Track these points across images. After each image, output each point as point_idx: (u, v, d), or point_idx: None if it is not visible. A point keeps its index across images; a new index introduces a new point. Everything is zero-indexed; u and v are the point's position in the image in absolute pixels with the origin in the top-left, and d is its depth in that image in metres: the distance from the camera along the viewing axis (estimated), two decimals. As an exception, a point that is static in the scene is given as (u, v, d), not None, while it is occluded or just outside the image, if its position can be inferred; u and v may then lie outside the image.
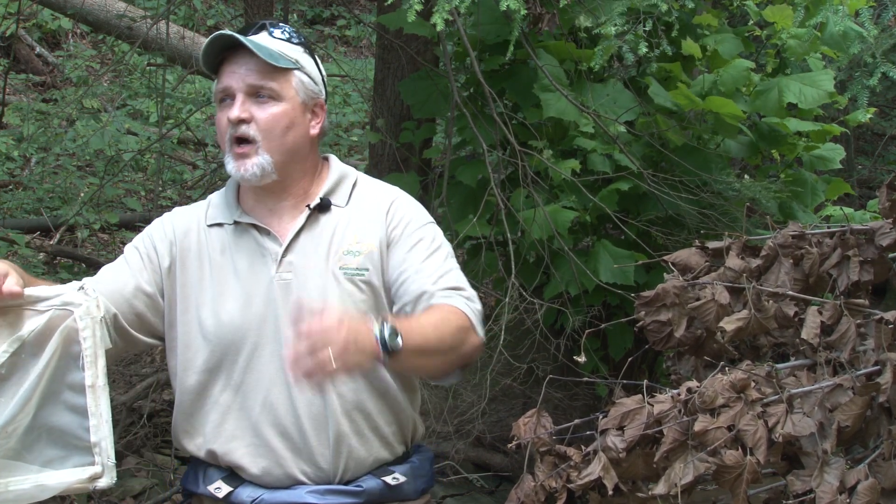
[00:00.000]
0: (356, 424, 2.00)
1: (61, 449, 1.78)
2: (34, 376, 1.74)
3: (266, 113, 1.96)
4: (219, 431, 1.99)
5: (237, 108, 1.95)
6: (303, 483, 1.98)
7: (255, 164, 1.95)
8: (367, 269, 2.00)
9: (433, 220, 2.14)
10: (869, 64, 3.17)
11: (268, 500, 1.97)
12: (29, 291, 1.77)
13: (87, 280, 1.97)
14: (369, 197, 2.10)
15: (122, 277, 1.99)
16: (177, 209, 2.12)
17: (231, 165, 1.97)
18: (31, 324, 1.76)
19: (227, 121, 1.96)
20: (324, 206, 2.04)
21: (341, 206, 2.06)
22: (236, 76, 1.97)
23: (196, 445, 2.03)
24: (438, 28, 2.97)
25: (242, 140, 1.96)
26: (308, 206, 2.03)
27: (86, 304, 1.79)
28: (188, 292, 2.00)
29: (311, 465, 1.98)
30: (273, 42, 1.99)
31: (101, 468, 1.79)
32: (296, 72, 2.01)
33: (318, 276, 1.99)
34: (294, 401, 1.97)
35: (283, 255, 2.00)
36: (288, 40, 2.02)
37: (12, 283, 1.73)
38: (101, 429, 1.78)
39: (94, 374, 1.78)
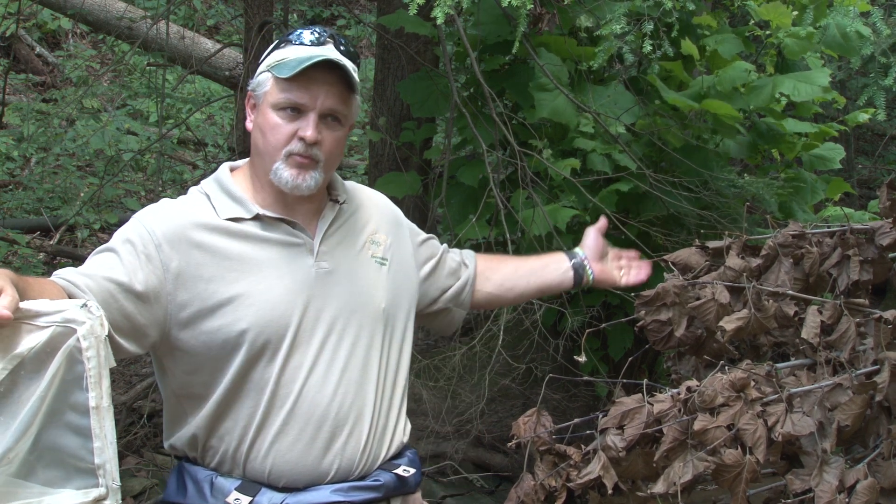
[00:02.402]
0: (385, 422, 2.05)
1: (62, 470, 1.71)
2: (36, 398, 1.67)
3: (332, 137, 1.99)
4: (251, 420, 1.95)
5: (313, 128, 1.95)
6: (326, 475, 1.96)
7: (313, 178, 1.98)
8: (387, 259, 2.13)
9: None
10: (883, 64, 3.17)
11: (292, 503, 1.94)
12: (27, 305, 1.67)
13: (74, 272, 1.88)
14: (357, 193, 2.21)
15: (115, 275, 1.89)
16: (168, 204, 2.02)
17: (287, 173, 1.96)
18: (31, 340, 1.67)
19: (295, 136, 1.96)
20: (339, 200, 2.11)
21: (347, 203, 2.14)
22: (314, 96, 1.96)
23: (232, 438, 1.96)
24: (439, 21, 2.96)
25: (307, 157, 1.97)
26: (336, 200, 2.09)
27: (90, 323, 1.70)
28: (213, 288, 1.93)
29: (339, 457, 1.97)
30: (345, 60, 1.98)
31: (105, 490, 1.72)
32: (356, 95, 2.03)
33: (355, 266, 2.06)
34: (332, 392, 1.97)
35: (319, 246, 2.02)
36: (352, 56, 2.02)
37: (3, 305, 1.61)
38: (105, 451, 1.72)
39: (99, 394, 1.71)
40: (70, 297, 1.82)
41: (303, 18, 10.33)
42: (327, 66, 1.96)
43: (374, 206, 2.20)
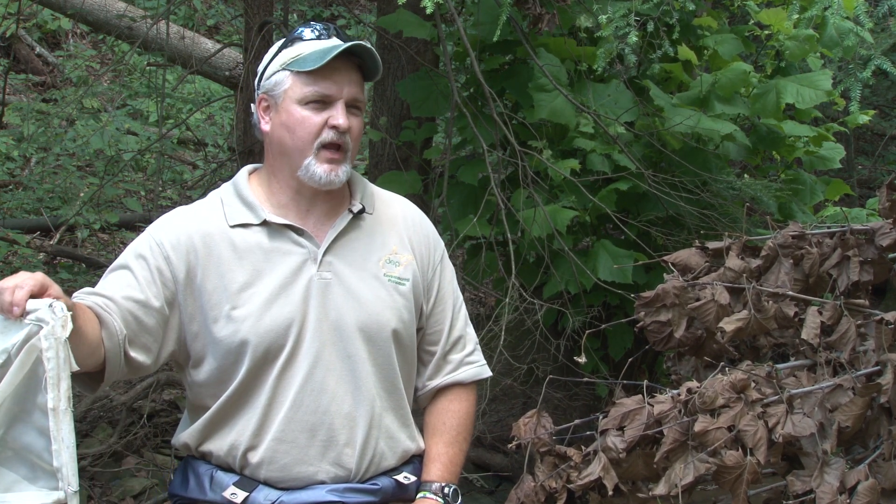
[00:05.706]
0: (385, 431, 2.05)
1: (30, 469, 1.72)
2: (4, 394, 1.68)
3: (356, 125, 2.03)
4: (246, 426, 1.98)
5: (343, 116, 1.98)
6: (321, 482, 1.98)
7: (344, 171, 2.01)
8: (408, 280, 2.09)
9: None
10: (863, 56, 3.17)
11: (287, 501, 1.96)
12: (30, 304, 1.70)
13: (93, 294, 1.90)
14: (391, 207, 2.17)
15: (133, 294, 1.92)
16: (179, 213, 2.06)
17: (320, 169, 1.98)
18: (17, 336, 1.68)
19: (325, 125, 1.98)
20: (360, 212, 2.09)
21: (371, 214, 2.11)
22: (339, 86, 1.99)
23: (225, 443, 1.99)
24: (428, 11, 2.96)
25: (337, 147, 1.99)
26: (350, 210, 2.07)
27: (52, 324, 1.69)
28: (218, 298, 1.97)
29: (334, 464, 1.99)
30: (366, 44, 2.01)
31: (63, 494, 1.71)
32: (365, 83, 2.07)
33: (360, 278, 2.04)
34: (327, 400, 1.98)
35: (323, 256, 2.01)
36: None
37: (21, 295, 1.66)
38: (62, 454, 1.70)
39: (57, 397, 1.69)
40: (98, 317, 1.85)
41: (303, 18, 10.33)
42: (346, 55, 1.99)
43: (406, 224, 2.16)
